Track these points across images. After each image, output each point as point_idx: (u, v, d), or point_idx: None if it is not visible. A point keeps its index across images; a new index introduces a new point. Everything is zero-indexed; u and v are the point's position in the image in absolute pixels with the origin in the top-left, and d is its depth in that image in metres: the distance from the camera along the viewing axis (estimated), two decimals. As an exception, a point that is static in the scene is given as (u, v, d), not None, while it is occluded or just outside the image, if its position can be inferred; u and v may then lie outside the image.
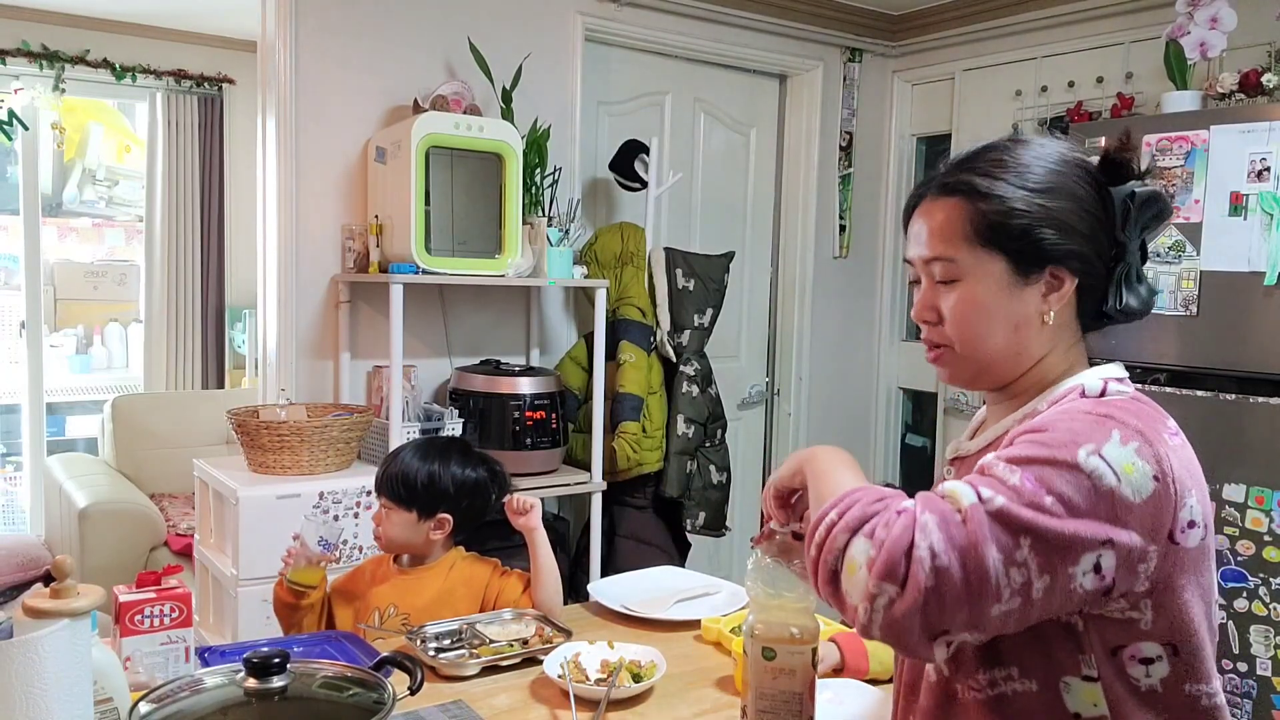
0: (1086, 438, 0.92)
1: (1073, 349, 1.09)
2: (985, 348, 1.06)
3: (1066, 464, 0.90)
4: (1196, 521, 0.95)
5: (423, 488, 1.87)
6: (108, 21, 4.53)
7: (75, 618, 1.15)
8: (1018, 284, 1.04)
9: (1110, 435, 0.92)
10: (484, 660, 1.64)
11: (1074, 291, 1.05)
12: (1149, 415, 0.99)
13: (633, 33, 3.61)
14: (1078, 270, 1.04)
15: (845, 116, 4.21)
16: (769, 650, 1.24)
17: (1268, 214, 2.55)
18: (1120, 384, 1.04)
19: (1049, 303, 1.05)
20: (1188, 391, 2.70)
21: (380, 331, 3.05)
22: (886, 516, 0.90)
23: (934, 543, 0.86)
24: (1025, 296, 1.04)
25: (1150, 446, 0.93)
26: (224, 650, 1.67)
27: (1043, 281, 1.04)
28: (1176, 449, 0.97)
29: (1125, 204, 1.03)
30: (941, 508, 0.90)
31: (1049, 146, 1.07)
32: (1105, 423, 0.94)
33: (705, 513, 3.40)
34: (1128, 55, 3.47)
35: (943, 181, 1.08)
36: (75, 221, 5.92)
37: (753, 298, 4.20)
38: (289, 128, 2.95)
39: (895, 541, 0.87)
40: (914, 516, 0.88)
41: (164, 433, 4.30)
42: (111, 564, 3.53)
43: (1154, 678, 0.98)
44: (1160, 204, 1.05)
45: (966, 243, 1.05)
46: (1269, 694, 2.55)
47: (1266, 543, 2.54)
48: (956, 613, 0.87)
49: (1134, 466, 0.91)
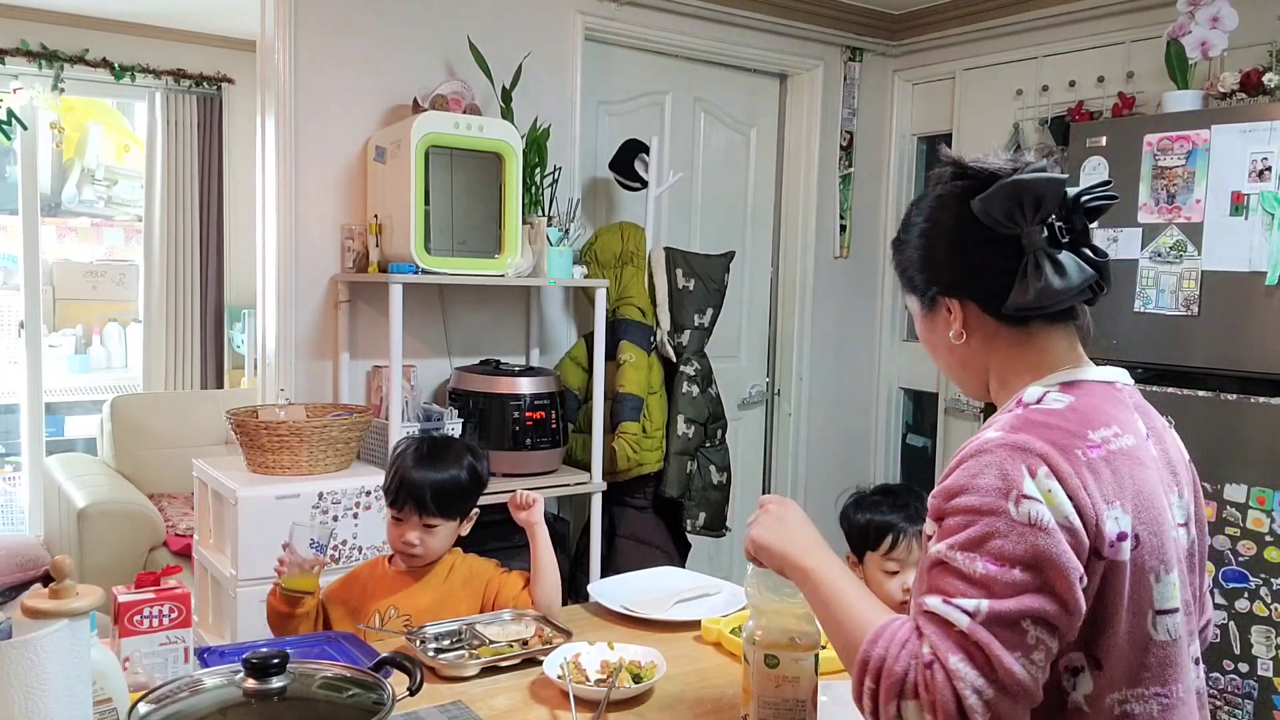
0: (1006, 485, 0.98)
1: (1019, 351, 1.13)
2: (944, 369, 1.23)
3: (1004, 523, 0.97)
4: (1126, 533, 1.00)
5: (463, 493, 1.90)
6: (107, 21, 4.52)
7: (74, 618, 1.15)
8: (929, 315, 1.19)
9: (1020, 471, 0.98)
10: (484, 661, 1.63)
11: (972, 306, 1.13)
12: (1064, 430, 1.02)
13: (633, 32, 3.60)
14: (945, 293, 1.14)
15: (846, 116, 4.21)
16: (771, 658, 1.24)
17: (1269, 214, 2.55)
18: (1065, 391, 1.08)
19: (951, 325, 1.15)
20: (1189, 391, 2.70)
21: (380, 331, 3.04)
22: (918, 674, 0.96)
23: (975, 684, 0.94)
24: (938, 325, 1.18)
25: (1055, 469, 0.99)
26: (223, 651, 1.67)
27: (943, 308, 1.16)
28: (1091, 462, 1.00)
29: (983, 210, 1.07)
30: (954, 640, 0.96)
31: (928, 193, 1.18)
32: (1013, 458, 0.99)
33: (705, 513, 3.40)
34: (1129, 54, 3.46)
35: None
36: (74, 221, 5.92)
37: (753, 298, 4.20)
38: (288, 127, 2.94)
39: (945, 704, 0.94)
40: (944, 667, 0.94)
41: (163, 433, 4.30)
42: (110, 564, 3.53)
43: (1079, 691, 1.03)
44: (1028, 190, 1.05)
45: (903, 288, 1.23)
46: (1270, 694, 2.55)
47: (1268, 543, 2.54)
48: (1016, 715, 0.96)
49: (1052, 493, 0.98)
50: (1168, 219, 2.76)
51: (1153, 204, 2.79)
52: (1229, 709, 2.62)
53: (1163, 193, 2.77)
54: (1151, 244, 2.79)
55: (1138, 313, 2.81)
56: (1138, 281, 2.81)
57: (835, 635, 1.07)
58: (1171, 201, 2.75)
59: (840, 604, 1.07)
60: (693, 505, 3.38)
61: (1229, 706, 2.62)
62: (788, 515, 1.21)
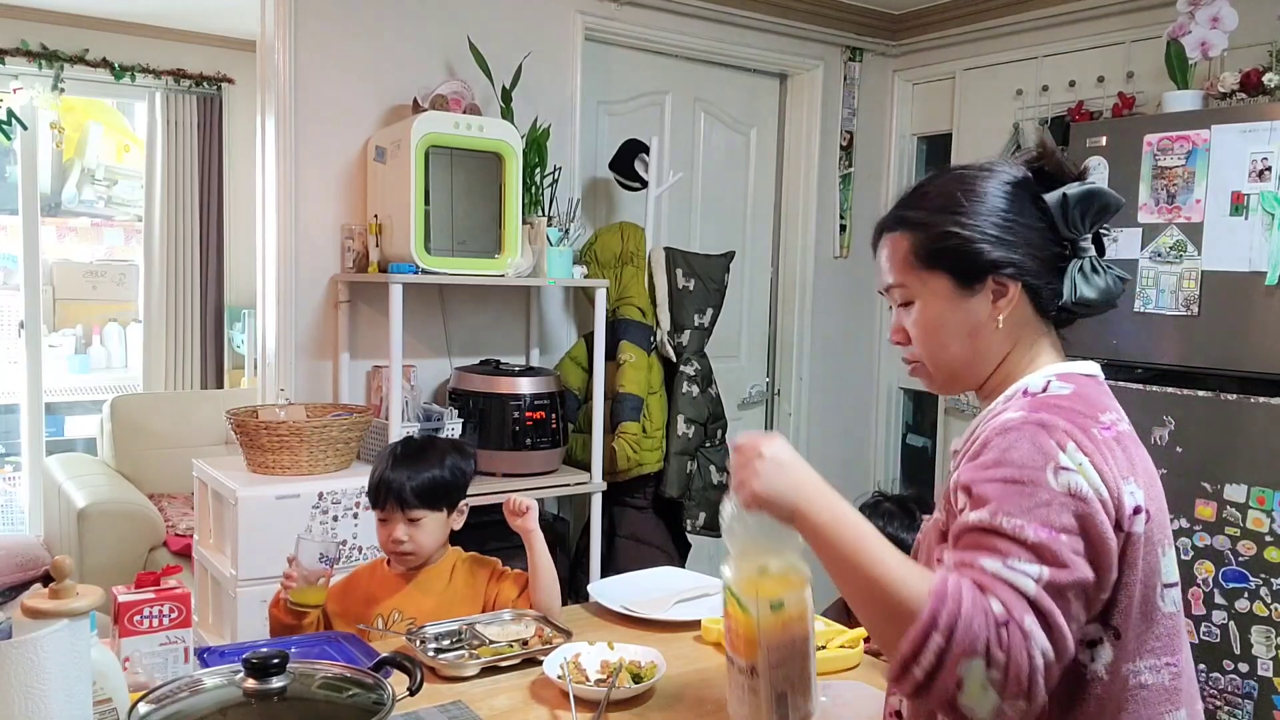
0: (1044, 457, 1.00)
1: (1036, 344, 1.17)
2: (946, 357, 1.19)
3: (1047, 493, 0.98)
4: (1141, 507, 1.03)
5: (445, 485, 1.89)
6: (107, 21, 4.52)
7: (74, 618, 1.15)
8: (964, 296, 1.15)
9: (1053, 445, 1.00)
10: (484, 661, 1.63)
11: (1022, 293, 1.14)
12: (1078, 412, 1.06)
13: (633, 32, 3.60)
14: (1017, 275, 1.14)
15: (846, 116, 4.21)
16: (778, 602, 1.19)
17: (1269, 214, 2.55)
18: (1063, 381, 1.12)
19: (998, 308, 1.15)
20: (1189, 391, 2.70)
21: (380, 331, 3.04)
22: (994, 632, 0.93)
23: (1044, 648, 0.93)
24: (973, 306, 1.15)
25: (1080, 445, 1.01)
26: (223, 651, 1.67)
27: (988, 290, 1.14)
28: (1105, 441, 1.04)
29: (1060, 206, 1.13)
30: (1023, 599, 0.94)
31: (976, 169, 1.19)
32: (1044, 433, 1.02)
33: (705, 513, 3.40)
34: (1129, 54, 3.46)
35: (893, 217, 1.22)
36: (74, 221, 5.92)
37: (753, 298, 4.20)
38: (288, 127, 2.94)
39: (1019, 664, 0.92)
40: (1020, 627, 0.93)
41: (163, 433, 4.30)
42: (110, 564, 3.53)
43: (1099, 662, 1.05)
44: (1100, 198, 1.13)
45: (913, 268, 1.18)
46: (1270, 694, 2.55)
47: (1268, 543, 2.53)
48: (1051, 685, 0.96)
49: (1083, 466, 1.00)
50: (1168, 219, 2.76)
51: (1153, 204, 2.79)
52: (1229, 709, 2.62)
53: (1163, 193, 2.77)
54: (1151, 244, 2.79)
55: (1138, 313, 2.81)
56: (1138, 281, 2.81)
57: (866, 591, 0.99)
58: (1171, 201, 2.75)
59: (871, 558, 0.99)
60: (693, 505, 3.38)
61: (1229, 706, 2.62)
62: (784, 457, 1.08)
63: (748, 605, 1.19)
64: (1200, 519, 2.65)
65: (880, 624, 0.99)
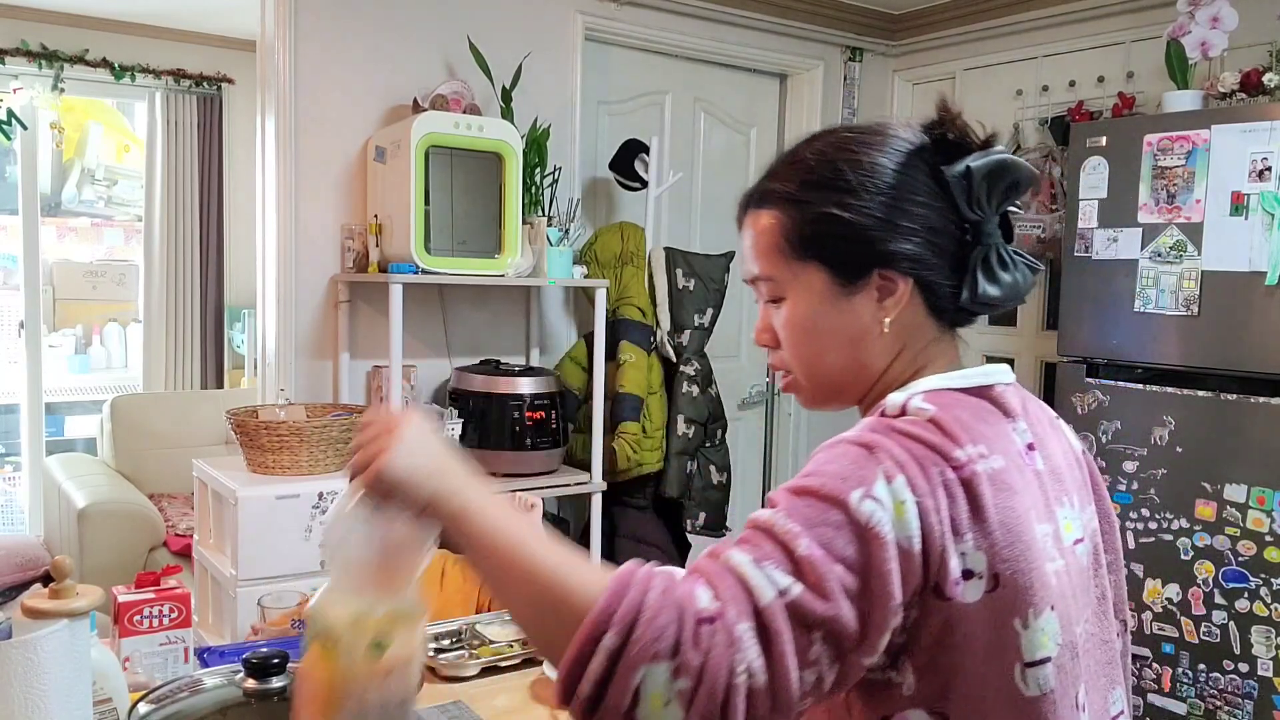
0: (857, 478, 0.81)
1: (925, 352, 0.96)
2: (824, 368, 0.98)
3: (840, 515, 0.79)
4: (975, 572, 0.82)
5: None
6: (107, 21, 4.52)
7: (74, 618, 1.15)
8: (844, 294, 0.94)
9: (875, 472, 0.81)
10: (484, 661, 1.63)
11: (914, 291, 0.94)
12: (924, 442, 0.84)
13: (633, 32, 3.60)
14: (909, 270, 0.93)
15: (846, 116, 4.21)
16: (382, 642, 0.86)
17: (1269, 214, 2.55)
18: (928, 400, 0.89)
19: (885, 309, 0.94)
20: (1188, 391, 2.70)
21: (380, 331, 3.04)
22: (688, 629, 0.72)
23: (752, 665, 0.73)
24: (855, 306, 0.94)
25: (912, 482, 0.81)
26: (223, 651, 1.66)
27: (873, 286, 0.93)
28: (949, 483, 0.82)
29: (962, 182, 0.91)
30: (750, 603, 0.75)
31: (864, 135, 0.96)
32: (870, 457, 0.83)
33: (705, 513, 3.40)
34: (1129, 54, 3.46)
35: (760, 190, 0.99)
36: (74, 221, 5.92)
37: (753, 298, 4.18)
38: (288, 127, 2.94)
39: (714, 674, 0.71)
40: (729, 630, 0.73)
41: (163, 433, 4.30)
42: (110, 564, 3.53)
43: None
44: (1012, 172, 0.92)
45: (784, 257, 0.96)
46: (1270, 694, 2.55)
47: (1268, 543, 2.53)
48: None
49: (904, 505, 0.80)
50: (1168, 219, 2.76)
51: (1153, 204, 2.79)
52: (1229, 709, 2.62)
53: (1163, 193, 2.77)
54: (1151, 244, 2.79)
55: (1138, 313, 2.81)
56: (1138, 281, 2.81)
57: (527, 590, 0.78)
58: (1171, 201, 2.75)
59: (531, 550, 0.78)
60: (693, 505, 3.38)
61: (1229, 706, 2.62)
62: (423, 434, 0.86)
63: (329, 646, 0.86)
64: (1200, 519, 2.65)
65: (549, 632, 0.78)
